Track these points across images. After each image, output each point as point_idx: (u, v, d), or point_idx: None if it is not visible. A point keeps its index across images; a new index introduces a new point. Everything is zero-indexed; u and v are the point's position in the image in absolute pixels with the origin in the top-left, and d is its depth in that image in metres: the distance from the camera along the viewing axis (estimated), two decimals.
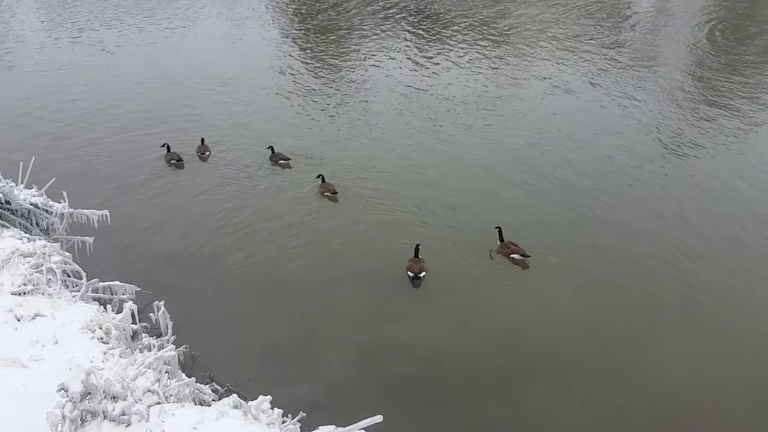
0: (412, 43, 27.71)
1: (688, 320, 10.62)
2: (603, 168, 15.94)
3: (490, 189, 14.97)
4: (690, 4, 37.46)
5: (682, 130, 18.27)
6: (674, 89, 21.70)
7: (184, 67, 24.01)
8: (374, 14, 33.65)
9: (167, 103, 20.24)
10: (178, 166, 16.00)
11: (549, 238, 12.83)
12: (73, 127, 18.17)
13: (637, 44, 28.13)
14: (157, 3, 35.85)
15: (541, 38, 28.55)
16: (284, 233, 13.02)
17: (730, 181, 15.33)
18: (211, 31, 30.03)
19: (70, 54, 25.72)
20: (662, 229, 13.26)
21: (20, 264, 8.12)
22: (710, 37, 29.22)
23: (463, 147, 17.20)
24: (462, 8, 34.86)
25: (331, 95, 21.27)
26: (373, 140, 17.66)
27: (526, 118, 19.23)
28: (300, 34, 30.30)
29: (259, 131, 18.01)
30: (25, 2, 37.65)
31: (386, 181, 15.24)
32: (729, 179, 15.42)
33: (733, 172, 15.74)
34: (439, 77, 22.88)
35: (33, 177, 10.07)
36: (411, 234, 12.81)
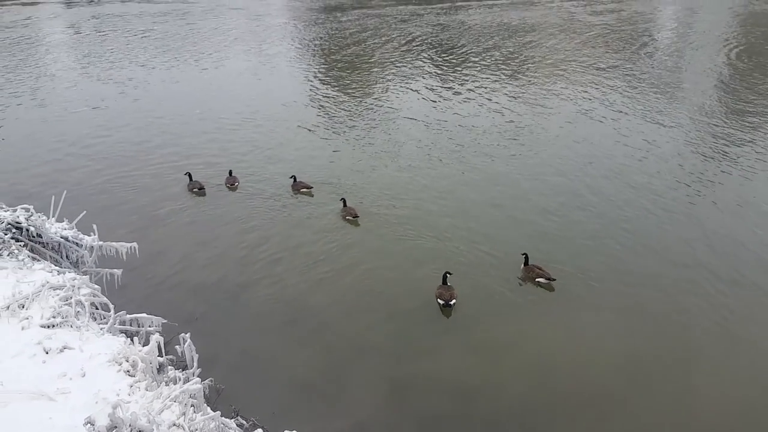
0: (433, 75, 27.95)
1: (725, 349, 10.22)
2: (627, 195, 15.71)
3: (514, 217, 14.81)
4: (708, 30, 37.41)
5: (705, 156, 18.00)
6: (696, 115, 21.48)
7: (212, 103, 24.53)
8: (395, 48, 34.14)
9: (195, 137, 20.63)
10: (199, 194, 16.36)
11: (574, 263, 12.60)
12: (103, 162, 18.58)
13: (656, 71, 28.00)
14: (187, 41, 36.95)
15: (561, 67, 28.61)
16: (308, 262, 12.99)
17: (757, 207, 14.97)
18: (239, 67, 30.73)
19: (101, 91, 26.48)
20: (688, 256, 12.94)
21: (50, 296, 8.20)
22: (730, 62, 29.01)
23: (487, 176, 17.12)
24: (479, 41, 35.22)
25: (354, 126, 21.45)
26: (397, 170, 17.69)
27: (548, 146, 19.12)
28: (324, 69, 30.80)
29: (283, 162, 18.21)
30: (58, 41, 39.12)
31: (410, 209, 15.23)
32: (756, 205, 15.06)
33: (761, 198, 15.36)
34: (461, 108, 22.98)
35: (64, 210, 10.25)
36: (435, 261, 12.70)
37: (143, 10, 51.64)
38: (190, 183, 16.64)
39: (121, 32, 41.01)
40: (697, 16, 44.51)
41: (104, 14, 49.95)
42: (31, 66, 31.54)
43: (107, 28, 42.83)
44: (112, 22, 45.76)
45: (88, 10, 53.44)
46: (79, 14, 51.83)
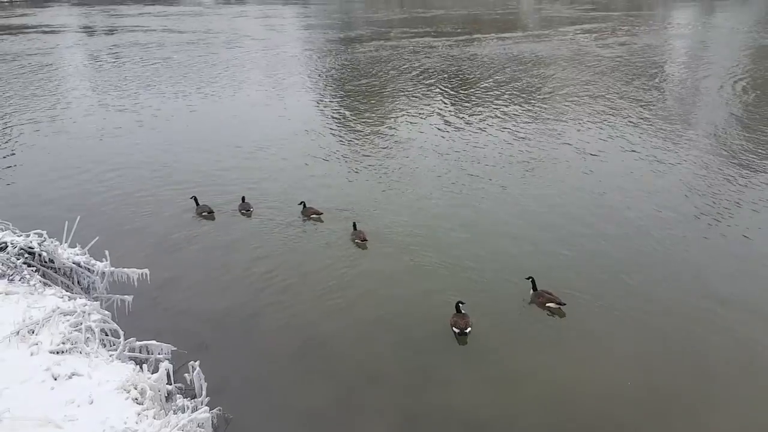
0: (445, 106, 28.15)
1: (745, 382, 9.96)
2: (638, 225, 15.58)
3: (527, 245, 14.69)
4: (718, 62, 37.55)
5: (716, 187, 17.83)
6: (706, 146, 21.42)
7: (227, 131, 24.81)
8: (409, 79, 34.50)
9: (209, 165, 20.79)
10: (209, 218, 16.53)
11: (589, 291, 12.46)
12: (118, 189, 18.74)
13: (667, 102, 28.09)
14: (204, 71, 37.58)
15: (572, 98, 28.74)
16: (318, 288, 12.91)
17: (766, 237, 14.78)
18: (254, 96, 31.14)
19: (117, 119, 26.86)
20: (702, 285, 12.76)
21: (60, 322, 8.16)
22: (740, 95, 29.05)
23: (500, 205, 17.09)
24: (491, 72, 35.54)
25: (368, 155, 21.54)
26: (410, 197, 17.69)
27: (560, 177, 19.07)
28: (338, 98, 31.13)
29: (295, 188, 18.26)
30: (77, 68, 39.90)
31: (422, 236, 15.20)
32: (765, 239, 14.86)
33: None
34: (473, 138, 23.05)
35: (77, 236, 10.27)
36: (448, 287, 12.61)
37: (164, 40, 52.68)
38: (198, 207, 16.85)
39: (140, 61, 41.80)
40: (707, 50, 44.77)
41: (124, 43, 51.00)
42: (50, 93, 32.13)
43: (126, 57, 43.68)
44: (131, 51, 46.69)
45: (109, 39, 54.65)
46: (99, 43, 53.00)
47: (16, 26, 66.34)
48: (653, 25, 58.82)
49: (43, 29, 63.15)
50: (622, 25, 57.34)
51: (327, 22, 65.92)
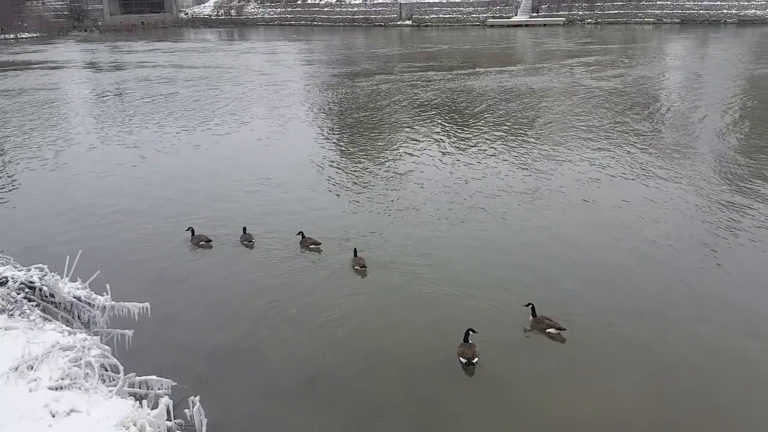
0: (445, 137, 28.38)
1: (754, 413, 9.86)
2: (637, 254, 15.58)
3: (527, 274, 14.66)
4: (713, 93, 38.01)
5: (713, 218, 17.85)
6: (703, 177, 21.49)
7: (228, 164, 25.01)
8: (407, 112, 34.88)
9: (210, 198, 20.89)
10: (206, 247, 16.68)
11: (587, 316, 12.47)
12: (119, 223, 18.80)
13: (663, 133, 28.31)
14: (209, 106, 38.01)
15: (569, 130, 29.00)
16: (320, 320, 12.87)
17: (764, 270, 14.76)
18: (256, 130, 31.39)
19: (120, 154, 27.05)
20: (700, 314, 12.74)
21: (59, 358, 8.09)
22: (735, 125, 29.26)
23: (500, 235, 17.13)
24: (489, 104, 35.95)
25: (368, 186, 21.64)
26: (410, 228, 17.72)
27: (560, 208, 19.12)
28: (339, 131, 31.43)
29: (296, 220, 18.28)
30: (82, 104, 40.37)
31: (423, 265, 15.23)
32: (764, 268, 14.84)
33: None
34: (473, 169, 23.20)
35: (78, 270, 10.26)
36: (451, 316, 12.60)
37: (170, 75, 53.34)
38: (193, 238, 16.97)
39: (144, 96, 42.32)
40: (701, 80, 45.27)
41: (129, 79, 51.68)
42: (53, 128, 32.46)
43: (131, 93, 44.23)
44: (136, 86, 47.30)
45: (114, 75, 55.36)
46: (104, 78, 53.66)
47: (22, 62, 67.39)
48: (648, 57, 59.66)
49: (48, 65, 64.12)
50: (618, 57, 58.17)
51: (329, 58, 66.94)
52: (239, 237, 17.05)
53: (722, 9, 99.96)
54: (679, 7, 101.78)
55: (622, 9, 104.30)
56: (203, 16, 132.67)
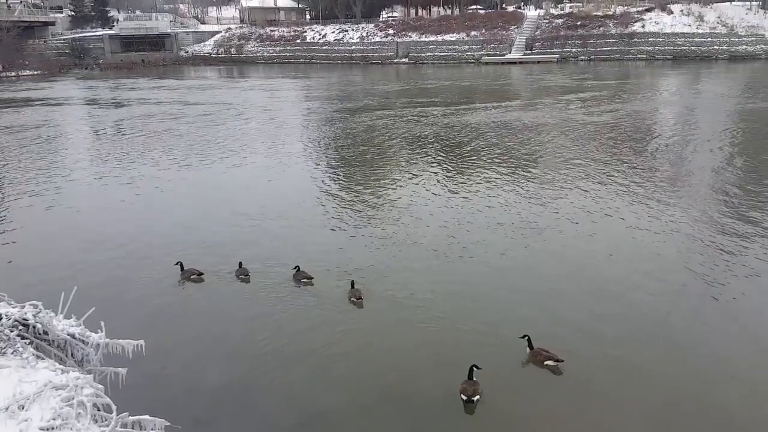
0: (442, 172, 28.56)
1: None
2: (640, 287, 15.58)
3: (528, 306, 14.59)
4: (707, 127, 38.44)
5: (710, 252, 17.87)
6: (702, 209, 21.60)
7: (226, 200, 25.03)
8: (404, 146, 35.18)
9: (207, 233, 20.88)
10: (198, 281, 16.64)
11: (584, 350, 12.38)
12: (116, 260, 18.75)
13: (657, 168, 28.45)
14: (205, 142, 38.27)
15: (565, 163, 29.21)
16: (317, 356, 12.73)
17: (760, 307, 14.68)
18: (254, 165, 31.58)
19: (118, 191, 27.09)
20: (706, 349, 12.66)
21: (51, 397, 7.95)
22: (729, 159, 29.50)
23: (498, 271, 17.10)
24: (485, 139, 36.29)
25: (365, 221, 21.68)
26: (409, 261, 17.70)
27: (556, 242, 19.16)
28: (336, 165, 31.63)
29: (293, 254, 18.23)
30: (80, 141, 40.63)
31: (420, 299, 15.16)
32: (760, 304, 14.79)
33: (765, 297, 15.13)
34: (471, 204, 23.27)
35: (73, 306, 10.15)
36: (448, 351, 12.52)
37: (170, 112, 53.62)
38: (184, 272, 16.91)
39: (143, 132, 42.59)
40: (694, 114, 45.86)
41: (129, 116, 51.96)
42: (51, 164, 32.57)
43: (130, 129, 44.49)
44: (136, 123, 47.54)
45: (114, 112, 55.75)
46: (104, 115, 54.09)
47: (22, 99, 68.03)
48: (642, 91, 60.50)
49: (48, 102, 64.74)
50: (612, 92, 58.97)
51: (327, 94, 67.78)
52: (234, 271, 16.99)
53: (713, 45, 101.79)
54: (670, 44, 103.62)
55: (615, 46, 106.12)
56: (203, 54, 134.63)
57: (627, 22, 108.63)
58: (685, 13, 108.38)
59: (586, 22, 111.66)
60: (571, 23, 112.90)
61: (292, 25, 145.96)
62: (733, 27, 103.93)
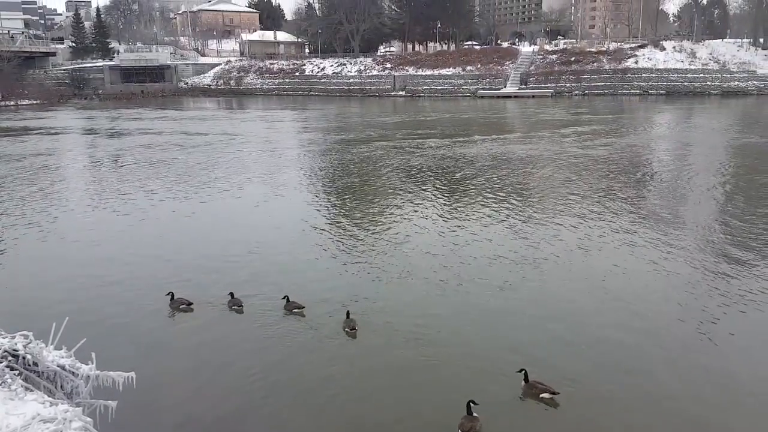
0: (439, 204, 28.62)
1: None
2: (632, 322, 15.49)
3: (523, 341, 14.49)
4: (699, 161, 38.83)
5: (705, 287, 17.83)
6: (695, 244, 21.61)
7: (222, 230, 24.99)
8: (401, 177, 35.33)
9: (200, 264, 20.73)
10: (187, 310, 16.51)
11: (580, 383, 12.27)
12: (109, 290, 18.55)
13: (652, 201, 28.65)
14: (203, 172, 38.38)
15: (560, 197, 29.29)
16: (311, 391, 12.53)
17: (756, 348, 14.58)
18: (251, 196, 31.58)
19: (114, 221, 26.99)
20: (693, 384, 12.55)
21: (39, 430, 7.78)
22: (723, 193, 29.71)
23: (496, 304, 17.00)
24: (482, 171, 36.52)
25: (361, 253, 21.59)
26: (404, 293, 17.58)
27: (555, 273, 19.13)
28: (332, 196, 31.72)
29: (285, 284, 18.08)
30: (77, 170, 40.69)
31: (417, 332, 15.01)
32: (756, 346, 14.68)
33: (759, 332, 15.06)
34: (468, 236, 23.21)
35: (64, 337, 9.98)
36: (444, 385, 12.38)
37: (170, 142, 53.76)
38: (174, 301, 16.79)
39: (141, 162, 42.69)
40: (688, 148, 46.33)
41: (127, 146, 52.17)
42: (47, 194, 32.50)
43: (128, 159, 44.59)
44: (135, 153, 47.67)
45: (112, 142, 55.99)
46: (102, 145, 54.33)
47: (20, 128, 68.37)
48: (636, 126, 61.23)
49: (47, 131, 65.06)
50: (606, 126, 59.66)
51: (325, 125, 68.42)
52: (227, 302, 16.87)
53: (706, 81, 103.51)
54: (664, 79, 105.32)
55: (609, 81, 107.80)
56: (203, 85, 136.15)
57: (620, 58, 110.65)
58: (677, 50, 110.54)
59: (580, 58, 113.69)
60: (565, 59, 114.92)
61: (292, 58, 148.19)
62: (725, 63, 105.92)
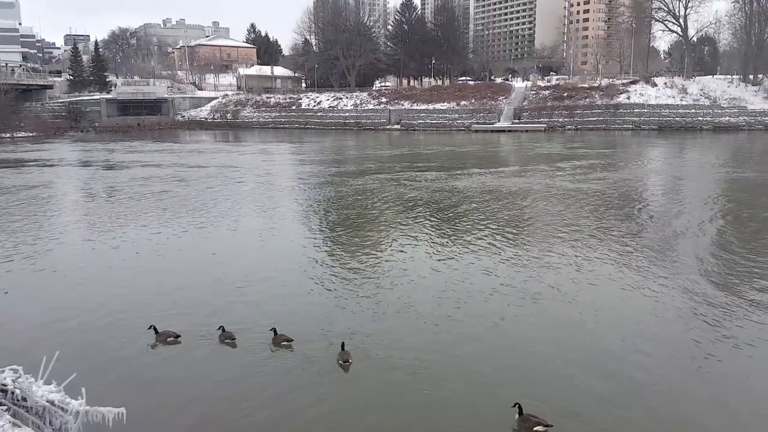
0: (433, 238, 28.64)
1: None
2: (624, 357, 15.48)
3: (519, 377, 14.40)
4: (693, 195, 39.15)
5: (698, 323, 17.82)
6: (689, 278, 21.61)
7: (214, 263, 24.89)
8: (395, 209, 35.46)
9: (191, 297, 20.58)
10: (175, 343, 16.41)
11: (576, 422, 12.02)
12: (99, 324, 18.36)
13: (648, 235, 28.72)
14: (197, 204, 38.36)
15: (554, 231, 29.34)
16: (304, 425, 12.39)
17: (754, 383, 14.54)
18: (245, 228, 31.55)
19: (107, 255, 26.76)
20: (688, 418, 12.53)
21: None
22: (717, 227, 29.83)
23: (491, 338, 16.93)
24: (474, 203, 36.72)
25: (355, 284, 21.52)
26: (399, 326, 17.45)
27: (550, 307, 19.10)
28: (327, 229, 31.70)
29: (277, 317, 17.96)
30: (72, 203, 40.59)
31: (413, 368, 14.89)
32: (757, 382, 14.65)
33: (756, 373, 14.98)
34: (462, 271, 23.09)
35: (54, 371, 9.85)
36: (439, 418, 12.33)
37: (165, 174, 53.69)
38: (160, 335, 16.64)
39: (135, 195, 42.57)
40: (681, 183, 46.76)
41: (122, 178, 52.17)
42: (40, 227, 32.23)
43: (123, 191, 44.42)
44: (130, 185, 47.56)
45: (107, 174, 55.96)
46: (96, 177, 54.27)
47: (14, 160, 68.43)
48: (629, 160, 61.86)
49: (42, 163, 65.11)
50: (599, 160, 60.27)
51: (321, 158, 68.82)
52: (218, 336, 16.69)
53: (697, 116, 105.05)
54: (656, 114, 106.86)
55: (601, 116, 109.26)
56: (200, 118, 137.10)
57: (612, 94, 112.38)
58: (668, 86, 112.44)
59: (572, 94, 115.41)
60: (558, 94, 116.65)
61: (288, 92, 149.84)
62: (716, 99, 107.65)
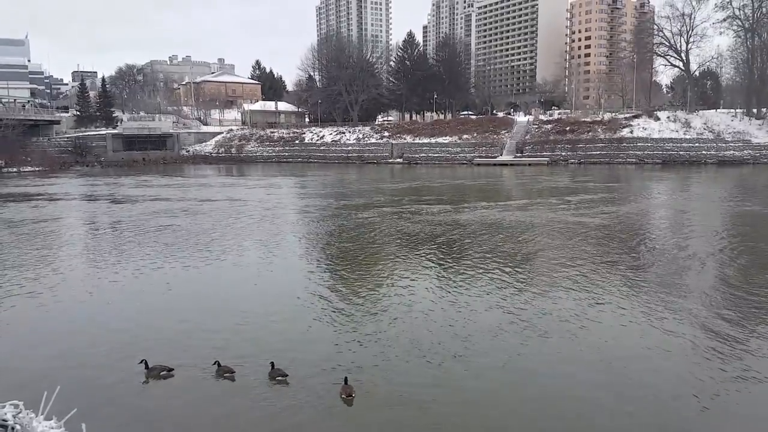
0: (434, 269, 28.50)
1: None
2: (627, 393, 15.28)
3: (524, 415, 14.22)
4: (698, 228, 39.00)
5: (702, 358, 17.55)
6: (693, 313, 21.35)
7: (215, 297, 24.74)
8: (397, 243, 35.36)
9: (190, 330, 20.39)
10: (168, 377, 16.26)
11: None
12: (100, 359, 18.19)
13: (652, 269, 28.51)
14: (199, 239, 38.34)
15: (561, 265, 29.11)
16: None
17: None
18: (246, 262, 31.48)
19: (108, 289, 26.59)
20: None
21: None
22: (721, 261, 29.62)
23: (497, 375, 16.72)
24: (476, 237, 36.73)
25: (356, 319, 21.33)
26: (401, 362, 17.22)
27: (555, 350, 18.81)
28: (327, 262, 31.64)
29: (275, 351, 17.79)
30: (75, 236, 40.58)
31: (414, 402, 14.70)
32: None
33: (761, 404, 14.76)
34: (466, 308, 22.76)
35: (55, 406, 9.61)
36: None
37: (168, 209, 53.88)
38: (151, 369, 16.46)
39: (137, 229, 42.64)
40: (686, 216, 46.63)
41: (125, 213, 52.37)
42: (43, 261, 32.15)
43: (127, 226, 44.50)
44: (134, 219, 47.67)
45: (112, 208, 56.10)
46: (101, 211, 54.42)
47: (20, 194, 68.83)
48: (633, 194, 61.95)
49: (48, 197, 65.46)
50: (603, 194, 60.34)
51: (324, 191, 69.11)
52: (215, 371, 16.48)
53: (701, 150, 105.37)
54: (659, 148, 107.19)
55: (604, 150, 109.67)
56: (204, 153, 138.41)
57: (615, 128, 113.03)
58: (671, 120, 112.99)
59: (575, 128, 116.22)
60: (560, 128, 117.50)
61: (292, 127, 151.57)
62: (720, 133, 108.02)
